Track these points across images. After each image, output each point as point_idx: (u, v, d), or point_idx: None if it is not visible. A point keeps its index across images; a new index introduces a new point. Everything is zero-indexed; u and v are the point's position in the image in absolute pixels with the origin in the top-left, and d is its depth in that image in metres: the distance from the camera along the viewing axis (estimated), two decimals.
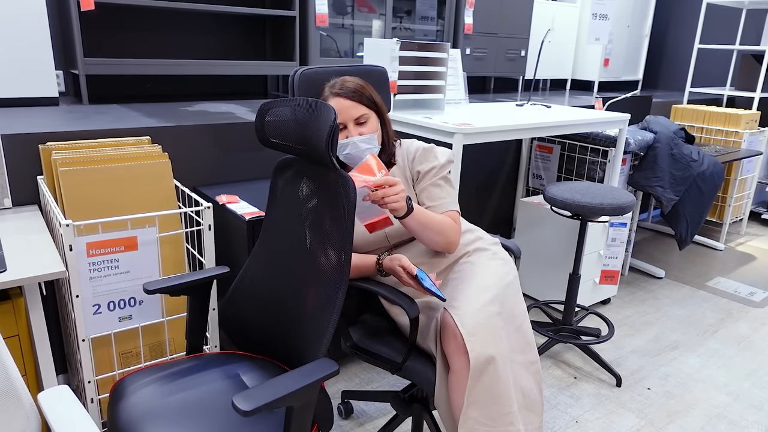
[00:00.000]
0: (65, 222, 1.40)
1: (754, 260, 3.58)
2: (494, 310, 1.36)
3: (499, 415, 1.29)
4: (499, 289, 1.41)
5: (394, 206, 1.32)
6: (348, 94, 1.46)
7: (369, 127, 1.48)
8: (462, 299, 1.37)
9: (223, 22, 3.01)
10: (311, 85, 1.55)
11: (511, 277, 1.48)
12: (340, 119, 1.45)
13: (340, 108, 1.45)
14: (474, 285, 1.41)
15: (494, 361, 1.29)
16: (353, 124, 1.46)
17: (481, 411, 1.28)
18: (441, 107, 2.49)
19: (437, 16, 3.62)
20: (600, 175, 2.87)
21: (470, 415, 1.28)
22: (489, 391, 1.28)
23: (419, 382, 1.43)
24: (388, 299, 1.42)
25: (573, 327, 2.39)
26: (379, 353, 1.48)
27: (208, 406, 1.20)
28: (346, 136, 1.46)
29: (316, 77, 1.56)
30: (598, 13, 4.21)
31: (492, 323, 1.33)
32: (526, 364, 1.40)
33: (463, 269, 1.48)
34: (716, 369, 2.34)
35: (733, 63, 4.52)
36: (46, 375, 1.43)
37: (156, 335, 1.77)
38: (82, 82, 2.40)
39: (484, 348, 1.28)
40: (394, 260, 1.40)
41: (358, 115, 1.46)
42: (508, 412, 1.30)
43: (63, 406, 0.97)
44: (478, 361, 1.27)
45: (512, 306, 1.43)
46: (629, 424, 1.98)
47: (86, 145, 1.77)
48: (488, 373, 1.28)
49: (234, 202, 1.87)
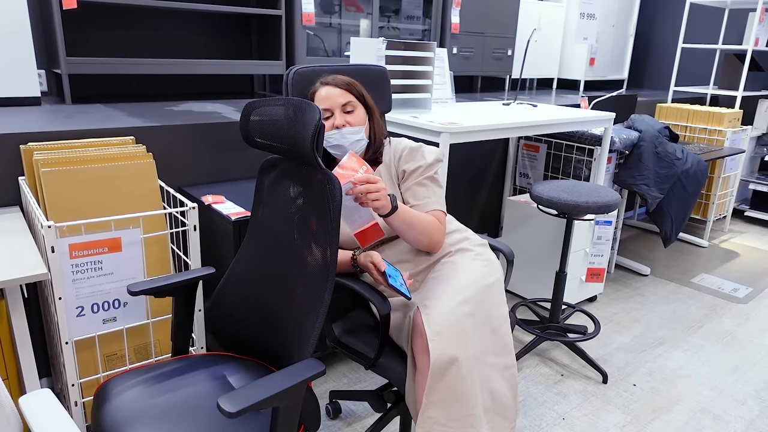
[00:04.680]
0: (47, 223, 1.38)
1: (738, 257, 3.63)
2: (466, 310, 1.33)
3: (459, 417, 1.27)
4: (476, 291, 1.39)
5: (377, 204, 1.31)
6: (338, 83, 1.48)
7: (356, 117, 1.48)
8: (434, 298, 1.36)
9: (208, 20, 2.98)
10: (306, 84, 1.55)
11: (492, 279, 1.45)
12: (327, 105, 1.46)
13: (327, 95, 1.46)
14: (449, 285, 1.39)
15: (457, 361, 1.26)
16: (340, 111, 1.47)
17: (440, 411, 1.26)
18: (428, 106, 2.49)
19: (424, 15, 3.62)
20: (586, 173, 2.89)
21: (429, 415, 1.26)
22: (450, 392, 1.26)
23: (392, 379, 1.44)
24: (361, 295, 1.42)
25: (560, 325, 2.41)
26: (356, 348, 1.50)
27: (194, 408, 1.19)
28: (333, 124, 1.46)
29: (312, 76, 1.55)
30: (585, 12, 4.24)
31: (460, 323, 1.31)
32: (500, 367, 1.38)
33: (444, 269, 1.47)
34: (701, 365, 2.37)
35: (716, 62, 4.58)
36: (29, 378, 1.42)
37: (141, 337, 1.76)
38: (65, 81, 2.37)
39: (447, 348, 1.26)
40: (367, 256, 1.41)
41: (345, 101, 1.47)
42: (470, 414, 1.28)
43: (45, 410, 0.95)
44: (439, 360, 1.25)
45: (490, 308, 1.40)
46: (615, 420, 2.00)
47: (69, 145, 1.74)
48: (450, 373, 1.26)
49: (220, 203, 1.86)
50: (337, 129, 1.46)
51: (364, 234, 1.37)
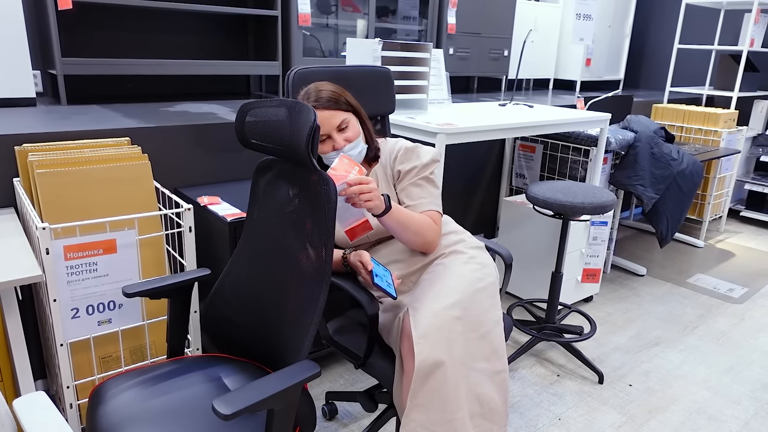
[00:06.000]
0: (41, 225, 1.37)
1: (733, 257, 3.64)
2: (453, 314, 1.32)
3: (443, 421, 1.26)
4: (465, 294, 1.37)
5: (369, 205, 1.31)
6: (324, 104, 1.43)
7: (352, 131, 1.47)
8: (424, 301, 1.35)
9: (204, 21, 2.98)
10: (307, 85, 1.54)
11: (484, 283, 1.43)
12: (322, 131, 1.43)
13: (319, 120, 1.42)
14: (438, 288, 1.38)
15: (443, 365, 1.26)
16: (336, 132, 1.46)
17: (424, 415, 1.26)
18: (424, 107, 2.49)
19: (420, 15, 3.62)
20: (582, 174, 2.89)
21: (413, 417, 1.26)
22: (435, 396, 1.26)
23: (380, 380, 1.44)
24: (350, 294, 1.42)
25: (556, 325, 2.41)
26: (347, 347, 1.51)
27: (189, 410, 1.19)
28: (332, 146, 1.45)
29: (313, 77, 1.55)
30: (582, 13, 4.25)
31: (447, 327, 1.30)
32: (489, 372, 1.36)
33: (435, 271, 1.47)
34: (696, 365, 2.38)
35: (711, 63, 4.59)
36: (24, 381, 1.41)
37: (136, 339, 1.75)
38: (60, 82, 2.36)
39: (432, 351, 1.26)
40: (356, 255, 1.42)
41: (339, 121, 1.45)
42: (454, 418, 1.27)
43: (39, 413, 0.95)
44: (424, 364, 1.25)
45: (480, 312, 1.38)
46: (611, 420, 2.00)
47: (64, 146, 1.74)
48: (435, 377, 1.26)
49: (216, 204, 1.86)
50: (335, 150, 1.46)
51: (353, 230, 1.37)
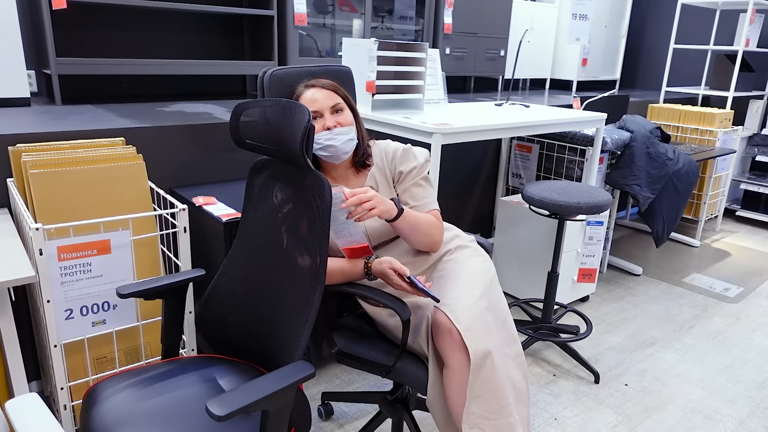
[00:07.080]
0: (35, 225, 1.37)
1: (729, 256, 3.65)
2: (484, 305, 1.37)
3: (499, 408, 1.30)
4: (485, 285, 1.43)
5: (376, 212, 1.33)
6: (323, 85, 1.49)
7: (345, 118, 1.48)
8: (452, 296, 1.37)
9: (200, 21, 2.97)
10: (282, 86, 1.53)
11: (492, 273, 1.51)
12: (315, 108, 1.45)
13: (314, 98, 1.45)
14: (462, 282, 1.42)
15: (491, 354, 1.30)
16: (329, 112, 1.46)
17: (482, 405, 1.29)
18: (420, 107, 2.49)
19: (416, 15, 3.62)
20: (578, 173, 2.90)
21: (473, 410, 1.29)
22: (488, 385, 1.30)
23: (410, 383, 1.42)
24: (377, 302, 1.41)
25: (552, 325, 2.41)
26: (369, 358, 1.45)
27: (184, 411, 1.18)
28: (323, 125, 1.45)
29: (287, 78, 1.54)
30: (578, 13, 4.26)
31: (484, 318, 1.34)
32: (513, 356, 1.42)
33: (448, 267, 1.49)
34: (692, 364, 2.38)
35: (707, 63, 4.60)
36: (17, 382, 1.40)
37: (131, 340, 1.75)
38: (55, 82, 2.35)
39: (480, 343, 1.29)
40: (383, 263, 1.38)
41: (334, 103, 1.46)
42: (507, 404, 1.32)
43: (31, 414, 0.94)
44: (477, 356, 1.28)
45: (497, 301, 1.45)
46: (607, 420, 2.00)
47: (58, 146, 1.73)
48: (486, 367, 1.29)
49: (211, 204, 1.85)
50: (327, 130, 1.45)
51: (352, 251, 1.37)
